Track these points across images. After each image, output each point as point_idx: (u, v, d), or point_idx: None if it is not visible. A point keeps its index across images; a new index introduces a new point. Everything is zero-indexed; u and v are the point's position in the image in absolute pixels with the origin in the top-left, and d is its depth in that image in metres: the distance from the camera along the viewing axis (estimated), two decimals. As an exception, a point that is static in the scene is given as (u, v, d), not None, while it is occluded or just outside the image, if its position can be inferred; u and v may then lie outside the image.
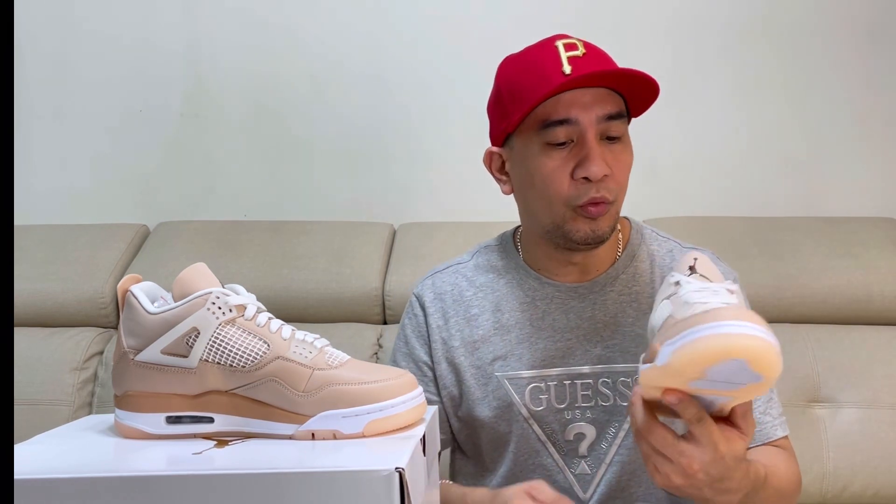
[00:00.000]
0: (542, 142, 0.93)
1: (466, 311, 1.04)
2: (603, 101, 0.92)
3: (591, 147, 0.91)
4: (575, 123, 0.91)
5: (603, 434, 0.99)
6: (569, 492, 0.99)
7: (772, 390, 0.99)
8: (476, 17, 1.81)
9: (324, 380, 0.66)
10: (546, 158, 0.93)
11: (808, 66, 1.82)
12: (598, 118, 0.91)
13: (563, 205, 0.93)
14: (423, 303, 1.06)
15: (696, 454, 0.71)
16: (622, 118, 0.94)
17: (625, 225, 1.06)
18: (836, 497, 1.44)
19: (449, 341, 1.03)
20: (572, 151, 0.92)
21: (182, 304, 0.67)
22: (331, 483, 0.56)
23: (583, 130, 0.91)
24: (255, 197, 1.88)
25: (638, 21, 1.81)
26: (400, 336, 1.08)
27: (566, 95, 0.91)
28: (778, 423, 0.98)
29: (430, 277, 1.08)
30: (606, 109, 0.92)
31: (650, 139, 1.84)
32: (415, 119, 1.84)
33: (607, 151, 0.93)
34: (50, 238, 1.71)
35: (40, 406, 1.52)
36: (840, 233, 1.65)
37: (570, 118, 0.91)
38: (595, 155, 0.90)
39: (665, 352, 0.65)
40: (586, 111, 0.91)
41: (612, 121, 0.92)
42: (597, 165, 0.90)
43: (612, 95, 0.93)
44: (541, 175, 0.94)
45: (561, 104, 0.91)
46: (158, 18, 1.84)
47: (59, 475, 0.57)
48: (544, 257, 1.02)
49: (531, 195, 0.97)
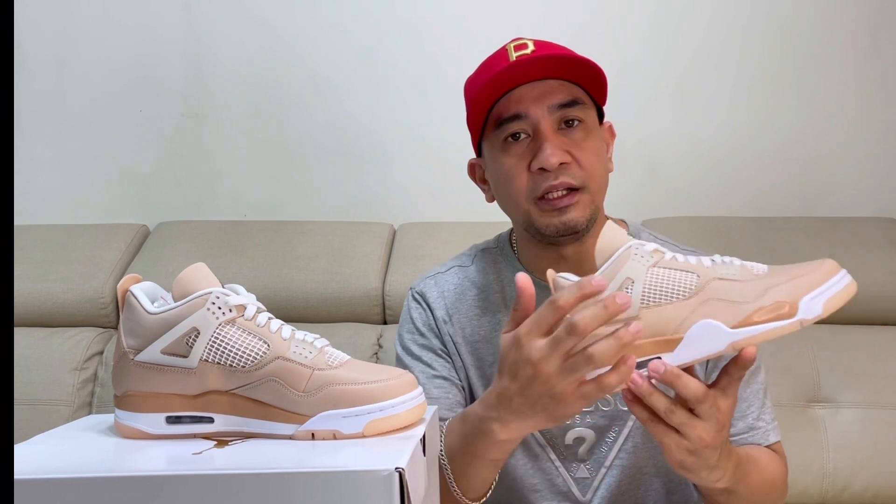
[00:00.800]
0: (500, 141, 0.95)
1: (469, 310, 1.04)
2: (552, 92, 0.93)
3: (545, 137, 0.92)
4: (526, 117, 0.93)
5: (602, 438, 0.99)
6: (567, 495, 1.00)
7: (766, 396, 0.99)
8: (476, 17, 1.82)
9: (324, 380, 0.66)
10: (505, 156, 0.95)
11: (808, 66, 1.82)
12: (549, 109, 0.92)
13: (524, 200, 0.94)
14: (427, 300, 1.06)
15: (707, 427, 0.71)
16: (578, 105, 0.94)
17: (622, 227, 1.06)
18: (836, 497, 1.44)
19: (454, 337, 1.03)
20: (529, 146, 0.94)
21: (182, 304, 0.67)
22: (331, 483, 0.56)
23: (535, 123, 0.93)
24: (255, 197, 1.88)
25: (638, 21, 1.81)
26: (409, 330, 1.06)
27: (515, 92, 0.93)
28: (771, 429, 0.98)
29: (433, 277, 1.08)
30: (557, 99, 0.93)
31: (650, 139, 1.84)
32: (415, 119, 1.84)
33: (566, 139, 0.93)
34: (50, 238, 1.71)
35: (40, 406, 1.52)
36: (840, 233, 1.65)
37: (521, 113, 0.93)
38: (548, 143, 0.91)
39: (815, 304, 0.71)
40: (535, 104, 0.92)
41: (566, 108, 0.93)
42: (551, 153, 0.91)
43: (564, 85, 0.94)
44: (503, 173, 0.95)
45: (511, 100, 0.93)
46: (159, 19, 1.84)
47: (59, 475, 0.57)
48: (535, 257, 1.02)
49: (500, 196, 0.99)
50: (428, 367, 1.02)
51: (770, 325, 0.69)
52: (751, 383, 0.98)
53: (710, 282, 0.69)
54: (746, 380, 0.98)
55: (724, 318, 0.69)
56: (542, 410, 0.73)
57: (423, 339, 1.04)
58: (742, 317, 0.69)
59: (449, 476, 0.89)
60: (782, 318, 0.70)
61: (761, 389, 0.99)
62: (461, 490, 0.89)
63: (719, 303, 0.69)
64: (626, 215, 1.09)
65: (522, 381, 0.73)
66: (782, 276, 0.70)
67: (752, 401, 0.98)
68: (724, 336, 0.69)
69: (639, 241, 0.71)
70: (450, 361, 1.03)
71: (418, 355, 1.03)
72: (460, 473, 0.88)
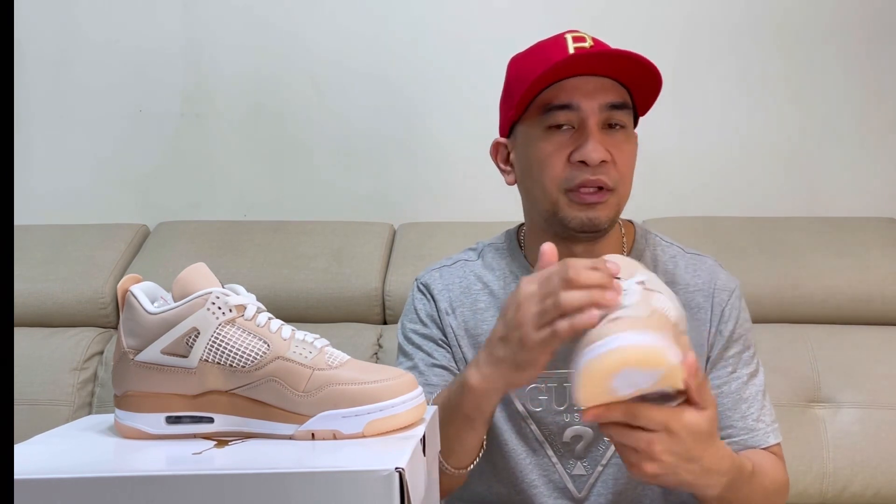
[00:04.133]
0: (543, 126, 0.94)
1: (473, 304, 1.04)
2: (606, 90, 0.93)
3: (591, 132, 0.92)
4: (576, 109, 0.92)
5: (600, 436, 0.99)
6: (564, 491, 1.00)
7: (765, 398, 0.99)
8: (477, 17, 1.81)
9: (324, 380, 0.66)
10: (545, 143, 0.94)
11: (808, 66, 1.82)
12: (600, 106, 0.92)
13: (556, 189, 0.94)
14: (432, 291, 1.06)
15: (654, 437, 0.73)
16: (626, 108, 0.94)
17: (630, 228, 1.06)
18: (836, 497, 1.44)
19: (456, 330, 1.03)
20: (572, 136, 0.93)
21: (182, 304, 0.67)
22: (331, 483, 0.56)
23: (584, 117, 0.92)
24: (255, 197, 1.88)
25: (638, 21, 1.81)
26: (412, 319, 1.06)
27: (570, 82, 0.92)
28: (770, 430, 0.98)
29: (438, 270, 1.08)
30: (609, 98, 0.93)
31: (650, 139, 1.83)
32: (415, 119, 1.84)
33: (608, 139, 0.93)
34: (50, 238, 1.71)
35: (40, 406, 1.52)
36: (840, 233, 1.65)
37: (572, 103, 0.92)
38: (593, 139, 0.91)
39: (574, 378, 0.70)
40: (588, 98, 0.92)
41: (614, 110, 0.93)
42: (594, 148, 0.91)
43: (616, 86, 0.94)
44: (539, 158, 0.95)
45: (564, 90, 0.92)
46: (158, 19, 1.84)
47: (59, 475, 0.57)
48: None
49: (529, 182, 0.98)
50: (428, 356, 1.02)
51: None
52: (749, 385, 0.99)
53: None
54: (745, 381, 0.98)
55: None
56: (511, 356, 0.78)
57: (425, 329, 1.04)
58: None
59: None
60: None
61: (760, 391, 0.99)
62: (443, 454, 0.89)
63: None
64: (626, 215, 1.09)
65: (507, 321, 0.78)
66: None
67: (752, 402, 0.98)
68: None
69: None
70: (450, 352, 1.03)
71: (419, 344, 1.04)
72: (442, 434, 0.88)
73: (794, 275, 1.57)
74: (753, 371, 1.00)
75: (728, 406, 0.97)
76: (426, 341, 1.04)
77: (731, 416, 0.97)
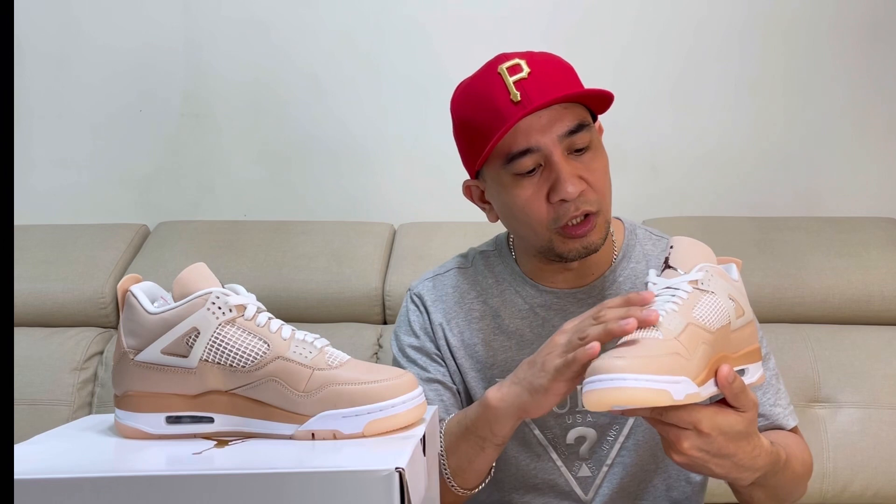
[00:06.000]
0: (510, 174, 0.92)
1: (468, 313, 1.03)
2: (560, 118, 0.90)
3: (560, 168, 0.90)
4: (538, 149, 0.90)
5: (604, 437, 0.99)
6: (570, 494, 1.00)
7: (779, 381, 1.00)
8: (477, 17, 1.81)
9: (324, 380, 0.66)
10: (519, 189, 0.92)
11: (808, 66, 1.82)
12: (559, 137, 0.90)
13: (546, 229, 0.93)
14: (425, 302, 1.06)
15: (682, 434, 0.74)
16: (585, 127, 0.92)
17: (619, 226, 1.06)
18: (836, 497, 1.44)
19: (451, 340, 1.03)
20: (543, 175, 0.91)
21: (182, 304, 0.67)
22: (331, 483, 0.56)
23: (547, 154, 0.90)
24: (255, 197, 1.88)
25: (638, 21, 1.81)
26: (406, 332, 1.06)
27: (522, 123, 0.89)
28: (787, 414, 0.99)
29: (431, 279, 1.08)
30: (566, 126, 0.90)
31: (650, 139, 1.84)
32: (415, 119, 1.84)
33: (578, 165, 0.91)
34: (50, 238, 1.71)
35: (40, 406, 1.52)
36: (840, 233, 1.65)
37: (532, 147, 0.90)
38: (565, 176, 0.89)
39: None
40: (545, 134, 0.90)
41: (574, 134, 0.91)
42: (570, 185, 0.89)
43: (570, 108, 0.91)
44: (518, 206, 0.93)
45: (519, 133, 0.90)
46: (158, 18, 1.84)
47: (59, 475, 0.57)
48: (537, 268, 1.02)
49: (514, 224, 0.98)
50: (422, 370, 1.02)
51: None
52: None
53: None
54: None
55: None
56: (529, 379, 0.82)
57: (418, 342, 1.04)
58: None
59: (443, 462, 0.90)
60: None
61: (773, 376, 1.00)
62: (451, 472, 0.90)
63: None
64: (626, 215, 1.09)
65: (540, 350, 0.83)
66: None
67: (766, 389, 0.98)
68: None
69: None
70: (444, 365, 1.03)
71: (413, 358, 1.04)
72: (453, 451, 0.90)
73: (794, 275, 1.57)
74: (763, 357, 1.00)
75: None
76: (420, 355, 1.04)
77: None
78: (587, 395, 0.69)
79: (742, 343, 0.78)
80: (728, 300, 0.77)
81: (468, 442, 0.88)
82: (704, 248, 0.81)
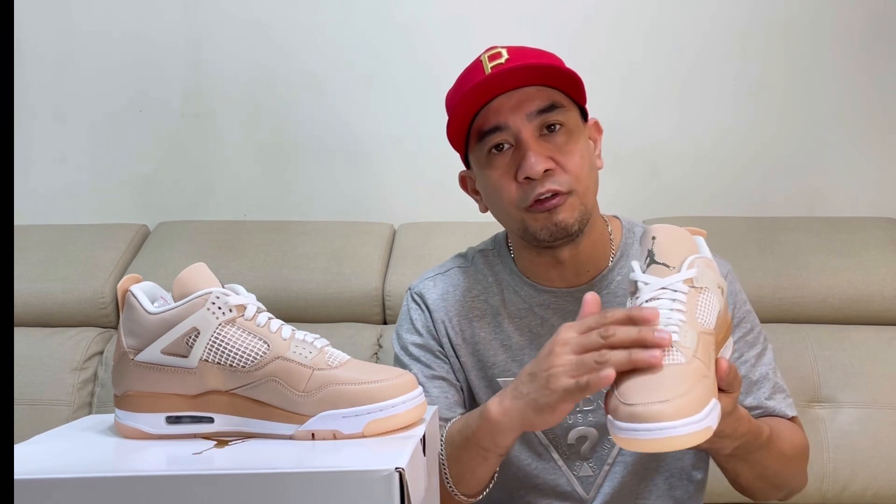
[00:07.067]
0: (484, 153, 0.95)
1: (469, 312, 1.04)
2: (530, 98, 0.92)
3: (527, 145, 0.92)
4: (506, 128, 0.92)
5: (605, 436, 0.99)
6: (571, 494, 1.00)
7: (776, 373, 1.01)
8: (477, 17, 1.81)
9: (324, 380, 0.66)
10: (491, 169, 0.95)
11: (808, 66, 1.82)
12: (528, 116, 0.92)
13: (516, 209, 0.94)
14: (427, 301, 1.05)
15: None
16: (556, 109, 0.93)
17: (617, 225, 1.06)
18: (836, 497, 1.44)
19: (453, 339, 1.03)
20: (514, 155, 0.93)
21: (182, 304, 0.67)
22: (331, 483, 0.56)
23: (516, 132, 0.92)
24: (255, 197, 1.88)
25: (638, 21, 1.81)
26: (408, 330, 1.06)
27: (494, 103, 0.92)
28: (785, 405, 0.99)
29: (432, 279, 1.08)
30: (535, 105, 0.92)
31: (651, 139, 1.84)
32: (415, 119, 1.84)
33: (549, 146, 0.93)
34: (50, 238, 1.71)
35: (40, 406, 1.52)
36: (840, 233, 1.65)
37: (500, 124, 0.92)
38: (530, 152, 0.91)
39: (613, 431, 0.68)
40: (514, 113, 0.92)
41: (544, 114, 0.92)
42: (535, 162, 0.90)
43: (542, 91, 0.93)
44: (491, 185, 0.96)
45: (490, 112, 0.93)
46: (158, 18, 1.84)
47: (59, 475, 0.57)
48: (531, 263, 1.02)
49: (494, 208, 0.99)
50: (427, 368, 1.02)
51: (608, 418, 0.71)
52: (758, 366, 0.99)
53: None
54: (753, 364, 0.99)
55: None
56: (533, 395, 0.78)
57: (421, 340, 1.04)
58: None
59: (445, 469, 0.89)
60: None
61: (770, 370, 1.00)
62: (453, 479, 0.89)
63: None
64: (626, 215, 1.09)
65: (539, 361, 0.78)
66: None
67: (762, 383, 0.99)
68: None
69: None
70: (447, 362, 1.03)
71: (417, 356, 1.03)
72: (455, 459, 0.89)
73: (794, 275, 1.57)
74: (760, 351, 1.00)
75: (741, 391, 0.98)
76: (424, 352, 1.03)
77: (742, 400, 0.97)
78: (630, 443, 0.66)
79: (724, 324, 0.77)
80: (717, 289, 0.75)
81: (470, 452, 0.87)
82: (685, 235, 0.79)
